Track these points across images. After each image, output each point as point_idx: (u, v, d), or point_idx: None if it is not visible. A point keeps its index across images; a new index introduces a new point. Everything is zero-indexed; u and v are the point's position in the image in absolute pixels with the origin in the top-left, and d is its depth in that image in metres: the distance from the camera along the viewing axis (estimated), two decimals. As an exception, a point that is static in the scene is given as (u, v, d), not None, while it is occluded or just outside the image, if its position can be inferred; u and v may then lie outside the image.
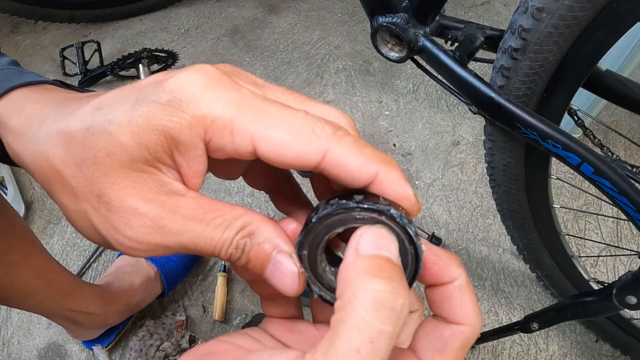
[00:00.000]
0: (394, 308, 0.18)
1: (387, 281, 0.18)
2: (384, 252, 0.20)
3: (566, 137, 0.48)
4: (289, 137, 0.19)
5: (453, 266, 0.22)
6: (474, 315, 0.22)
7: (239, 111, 0.19)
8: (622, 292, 0.53)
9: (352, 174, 0.20)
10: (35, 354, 0.93)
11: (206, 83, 0.19)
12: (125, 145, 0.19)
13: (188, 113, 0.19)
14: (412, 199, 0.21)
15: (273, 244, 0.21)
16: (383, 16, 0.54)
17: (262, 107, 0.20)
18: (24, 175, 1.18)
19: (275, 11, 1.52)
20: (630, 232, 1.04)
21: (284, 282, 0.21)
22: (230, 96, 0.19)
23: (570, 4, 0.41)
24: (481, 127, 1.17)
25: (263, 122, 0.19)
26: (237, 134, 0.19)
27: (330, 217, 0.20)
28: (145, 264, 0.90)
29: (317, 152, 0.19)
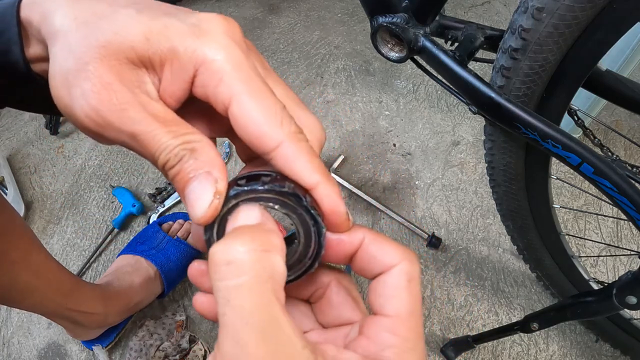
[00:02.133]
0: (228, 260, 0.19)
1: (222, 242, 0.19)
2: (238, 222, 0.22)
3: (566, 137, 0.48)
4: (260, 116, 0.21)
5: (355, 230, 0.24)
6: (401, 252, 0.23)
7: (237, 69, 0.22)
8: (622, 292, 0.53)
9: (296, 174, 0.22)
10: (35, 354, 0.93)
11: (228, 31, 0.22)
12: (135, 34, 0.21)
13: (200, 42, 0.21)
14: (342, 216, 0.23)
15: (208, 165, 0.22)
16: (383, 16, 0.54)
17: (256, 80, 0.22)
18: (24, 176, 1.18)
19: (275, 11, 1.52)
20: (630, 232, 1.04)
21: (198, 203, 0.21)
22: (238, 54, 0.22)
23: (570, 4, 0.41)
24: (481, 127, 1.17)
25: (248, 91, 0.21)
26: (223, 86, 0.21)
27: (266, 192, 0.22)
28: (145, 264, 0.90)
29: (274, 141, 0.21)
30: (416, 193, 1.11)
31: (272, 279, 0.19)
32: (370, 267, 0.24)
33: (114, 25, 0.21)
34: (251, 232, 0.20)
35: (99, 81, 0.21)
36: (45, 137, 1.25)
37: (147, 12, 0.22)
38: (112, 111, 0.21)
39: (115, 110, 0.21)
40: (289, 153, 0.22)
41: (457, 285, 0.98)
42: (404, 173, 1.14)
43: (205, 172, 0.21)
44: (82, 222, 1.10)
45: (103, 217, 1.10)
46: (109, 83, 0.21)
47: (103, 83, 0.21)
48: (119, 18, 0.22)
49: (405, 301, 0.23)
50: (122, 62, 0.21)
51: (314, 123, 0.25)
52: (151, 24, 0.22)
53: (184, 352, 0.88)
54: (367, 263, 0.24)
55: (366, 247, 0.24)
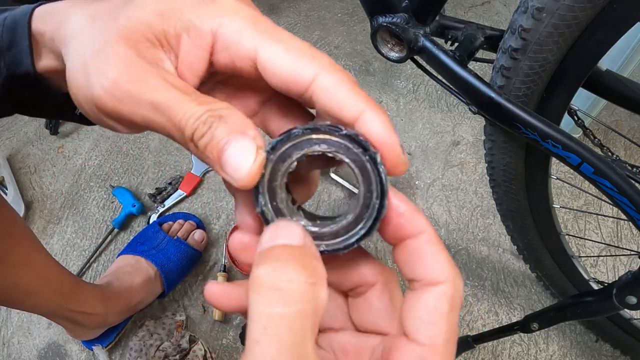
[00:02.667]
0: (277, 286, 0.18)
1: (269, 264, 0.18)
2: (280, 240, 0.20)
3: (566, 137, 0.48)
4: (289, 55, 0.21)
5: (419, 218, 0.22)
6: (451, 270, 0.21)
7: (253, 23, 0.21)
8: (622, 292, 0.53)
9: (339, 104, 0.20)
10: (35, 354, 0.93)
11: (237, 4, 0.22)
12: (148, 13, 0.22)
13: (211, 8, 0.22)
14: (397, 148, 0.21)
15: (240, 126, 0.20)
16: (383, 16, 0.54)
17: (275, 30, 0.22)
18: (24, 176, 1.18)
19: (275, 11, 1.52)
20: (630, 232, 1.04)
21: (240, 160, 0.20)
22: (251, 12, 0.22)
23: (570, 4, 0.41)
24: (481, 127, 1.17)
25: (270, 38, 0.21)
26: (245, 41, 0.21)
27: (316, 132, 0.20)
28: (145, 264, 0.90)
29: (309, 74, 0.20)
30: (416, 193, 1.11)
31: (314, 314, 0.18)
32: (413, 267, 0.22)
33: (128, 11, 0.22)
34: (301, 259, 0.19)
35: (117, 56, 0.21)
36: (45, 137, 1.25)
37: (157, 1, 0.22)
38: (131, 81, 0.21)
39: (135, 80, 0.21)
40: (328, 83, 0.20)
41: (457, 285, 0.98)
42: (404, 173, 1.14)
43: (240, 132, 0.20)
44: (82, 222, 1.10)
45: (103, 217, 1.10)
46: (127, 56, 0.21)
47: (121, 57, 0.21)
48: (131, 4, 0.22)
49: (443, 330, 0.20)
50: (139, 40, 0.21)
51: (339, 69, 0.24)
52: (163, 2, 0.22)
53: (184, 352, 0.88)
54: (412, 261, 0.22)
55: (422, 243, 0.22)
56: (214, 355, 0.91)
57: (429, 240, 0.22)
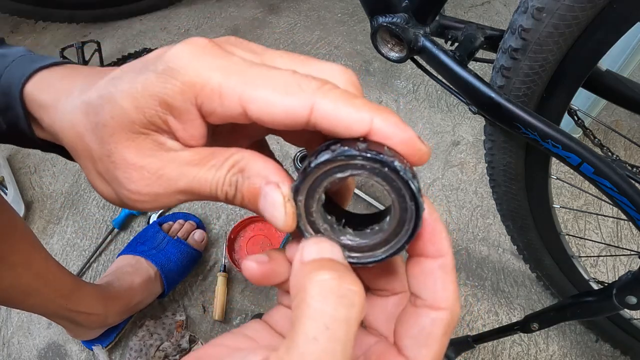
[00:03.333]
0: (343, 293, 0.19)
1: (332, 271, 0.19)
2: (327, 255, 0.21)
3: (566, 137, 0.48)
4: (275, 94, 0.20)
5: (444, 240, 0.22)
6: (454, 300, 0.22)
7: (226, 76, 0.20)
8: (622, 292, 0.53)
9: (345, 124, 0.20)
10: (35, 354, 0.93)
11: (196, 52, 0.21)
12: (125, 109, 0.21)
13: (179, 80, 0.20)
14: (415, 143, 0.20)
15: (263, 176, 0.21)
16: (383, 16, 0.54)
17: (249, 70, 0.20)
18: (24, 176, 1.18)
19: (275, 11, 1.52)
20: (630, 232, 1.04)
21: (273, 213, 0.21)
22: (218, 63, 0.21)
23: (570, 4, 0.41)
24: (481, 127, 1.17)
25: (249, 83, 0.20)
26: (226, 97, 0.20)
27: (330, 163, 0.20)
28: (145, 264, 0.90)
29: (304, 106, 0.20)
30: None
31: (358, 323, 0.19)
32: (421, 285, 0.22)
33: (107, 111, 0.21)
34: (351, 273, 0.20)
35: (124, 165, 0.22)
36: (45, 137, 1.25)
37: (123, 81, 0.22)
38: (151, 185, 0.22)
39: (154, 182, 0.22)
40: (326, 109, 0.20)
41: (457, 285, 0.98)
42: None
43: (265, 183, 0.21)
44: (82, 222, 1.10)
45: (103, 217, 1.10)
46: (133, 163, 0.22)
47: (129, 165, 0.22)
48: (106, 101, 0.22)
49: (434, 352, 0.22)
50: (134, 137, 0.22)
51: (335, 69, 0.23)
52: (132, 91, 0.21)
53: (184, 352, 0.88)
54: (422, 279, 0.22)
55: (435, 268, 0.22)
56: (214, 355, 0.91)
57: (445, 266, 0.22)
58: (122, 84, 0.21)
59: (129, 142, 0.22)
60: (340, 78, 0.22)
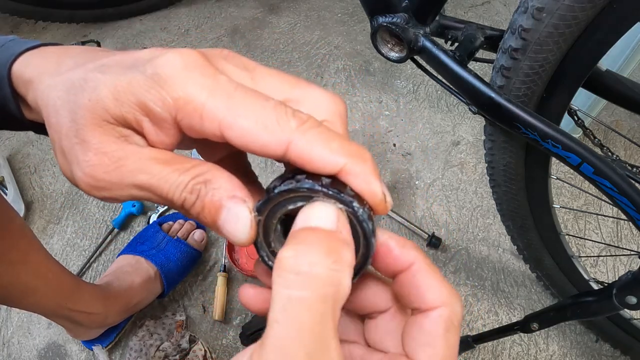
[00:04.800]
0: (298, 270, 0.18)
1: (293, 247, 0.19)
2: (313, 222, 0.20)
3: (566, 137, 0.48)
4: (254, 127, 0.20)
5: (408, 250, 0.22)
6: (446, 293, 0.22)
7: (211, 97, 0.20)
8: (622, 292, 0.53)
9: (317, 165, 0.20)
10: (35, 354, 0.93)
11: (187, 66, 0.21)
12: (105, 97, 0.21)
13: (164, 90, 0.20)
14: (378, 196, 0.21)
15: (228, 189, 0.21)
16: (383, 16, 0.54)
17: (234, 95, 0.20)
18: (24, 176, 1.18)
19: (275, 11, 1.52)
20: (630, 232, 1.04)
21: (237, 227, 0.21)
22: (205, 82, 0.20)
23: (570, 4, 0.41)
24: (481, 127, 1.17)
25: (231, 110, 0.20)
26: (206, 119, 0.20)
27: (292, 192, 0.21)
28: (145, 264, 0.90)
29: (280, 144, 0.20)
30: (416, 193, 1.11)
31: (334, 300, 0.18)
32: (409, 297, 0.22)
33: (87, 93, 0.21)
34: (328, 244, 0.19)
35: (86, 147, 0.21)
36: (45, 137, 1.25)
37: (111, 71, 0.22)
38: (108, 172, 0.21)
39: (112, 170, 0.21)
40: (301, 149, 0.20)
41: (457, 285, 0.98)
42: (404, 173, 1.14)
43: (229, 196, 0.21)
44: (82, 222, 1.10)
45: (103, 217, 1.10)
46: (96, 146, 0.21)
47: (91, 148, 0.21)
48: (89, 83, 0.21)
49: (440, 351, 0.21)
50: (103, 124, 0.21)
51: (323, 97, 0.23)
52: (116, 83, 0.21)
53: (184, 352, 0.88)
54: (407, 291, 0.22)
55: (413, 274, 0.22)
56: (214, 356, 0.91)
57: (419, 270, 0.22)
58: (109, 73, 0.21)
59: (97, 127, 0.21)
60: (327, 108, 0.23)
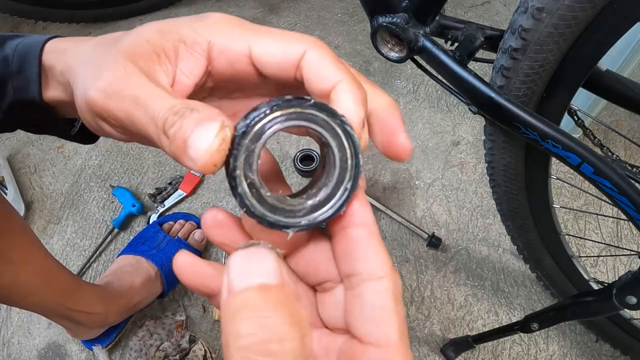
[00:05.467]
0: (270, 351, 0.17)
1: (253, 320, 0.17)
2: (254, 280, 0.19)
3: (566, 137, 0.48)
4: (277, 42, 0.23)
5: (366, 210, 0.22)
6: (390, 266, 0.21)
7: (242, 26, 0.24)
8: (622, 292, 0.53)
9: (320, 76, 0.22)
10: (35, 354, 0.93)
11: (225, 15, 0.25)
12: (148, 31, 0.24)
13: (205, 22, 0.24)
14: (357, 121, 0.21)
15: (210, 115, 0.20)
16: (383, 16, 0.54)
17: (263, 27, 0.24)
18: (24, 176, 1.18)
19: (275, 11, 1.52)
20: (630, 232, 1.04)
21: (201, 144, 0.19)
22: (241, 20, 0.25)
23: (570, 4, 0.41)
24: (481, 127, 1.17)
25: (261, 33, 0.23)
26: (238, 40, 0.23)
27: (281, 109, 0.20)
28: (145, 263, 0.90)
29: (298, 53, 0.22)
30: (416, 193, 1.11)
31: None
32: (352, 259, 0.21)
33: (131, 34, 0.24)
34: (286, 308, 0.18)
35: (113, 64, 0.23)
36: (45, 137, 1.25)
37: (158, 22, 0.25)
38: (119, 81, 0.22)
39: (123, 80, 0.22)
40: (313, 58, 0.22)
41: (457, 285, 0.98)
42: (404, 173, 1.14)
43: (208, 120, 0.19)
44: (82, 222, 1.10)
45: (103, 217, 1.10)
46: (122, 64, 0.22)
47: (117, 64, 0.22)
48: (134, 30, 0.24)
49: (396, 325, 0.20)
50: (138, 56, 0.23)
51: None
52: (163, 23, 0.24)
53: (184, 352, 0.88)
54: (352, 252, 0.21)
55: (362, 236, 0.21)
56: (214, 355, 0.91)
57: (372, 233, 0.22)
58: (155, 22, 0.25)
59: (130, 57, 0.23)
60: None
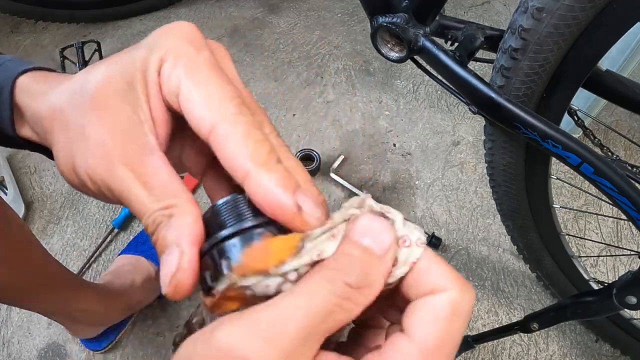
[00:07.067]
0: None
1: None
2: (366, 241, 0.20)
3: (566, 137, 0.48)
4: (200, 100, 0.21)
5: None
6: (454, 277, 0.20)
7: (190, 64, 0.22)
8: (622, 292, 0.53)
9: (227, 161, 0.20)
10: (35, 354, 0.93)
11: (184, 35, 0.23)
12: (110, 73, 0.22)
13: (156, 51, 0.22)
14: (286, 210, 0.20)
15: (178, 235, 0.20)
16: (383, 16, 0.54)
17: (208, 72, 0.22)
18: (24, 176, 1.18)
19: (275, 11, 1.52)
20: (630, 232, 1.03)
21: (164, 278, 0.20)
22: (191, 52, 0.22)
23: (570, 4, 0.41)
24: (481, 127, 1.17)
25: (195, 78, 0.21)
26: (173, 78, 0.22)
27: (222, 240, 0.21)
28: (146, 263, 0.90)
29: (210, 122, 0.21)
30: (416, 193, 1.11)
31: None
32: (415, 284, 0.20)
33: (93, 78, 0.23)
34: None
35: (92, 142, 0.21)
36: (45, 137, 1.25)
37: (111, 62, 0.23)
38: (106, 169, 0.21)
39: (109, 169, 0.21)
40: (220, 135, 0.20)
41: (457, 285, 0.98)
42: (404, 173, 1.14)
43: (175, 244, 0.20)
44: (82, 222, 1.10)
45: (103, 217, 1.10)
46: (102, 142, 0.21)
47: (97, 142, 0.21)
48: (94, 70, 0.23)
49: (439, 332, 0.19)
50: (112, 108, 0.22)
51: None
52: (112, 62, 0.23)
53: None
54: (413, 280, 0.20)
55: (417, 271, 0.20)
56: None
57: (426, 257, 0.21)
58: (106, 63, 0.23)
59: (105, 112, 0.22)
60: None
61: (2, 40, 1.45)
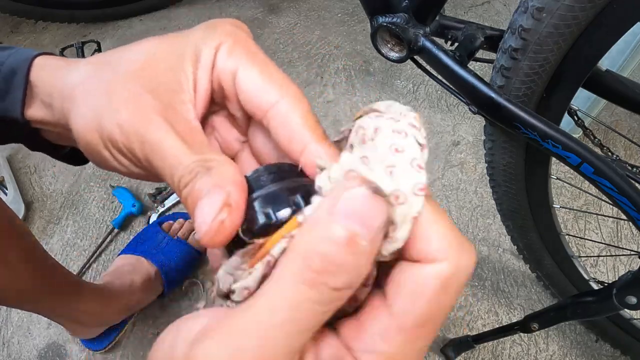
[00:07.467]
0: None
1: None
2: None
3: (566, 137, 0.48)
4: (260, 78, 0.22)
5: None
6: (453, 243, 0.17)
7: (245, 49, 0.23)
8: (622, 292, 0.53)
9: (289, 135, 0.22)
10: (35, 354, 0.93)
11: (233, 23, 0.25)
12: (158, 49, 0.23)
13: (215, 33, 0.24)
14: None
15: (223, 180, 0.19)
16: (383, 16, 0.54)
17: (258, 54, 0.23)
18: (24, 176, 1.18)
19: (275, 11, 1.52)
20: (630, 232, 1.03)
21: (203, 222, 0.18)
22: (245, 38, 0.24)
23: (570, 4, 0.41)
24: (481, 127, 1.17)
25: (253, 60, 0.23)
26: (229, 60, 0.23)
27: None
28: (145, 263, 0.90)
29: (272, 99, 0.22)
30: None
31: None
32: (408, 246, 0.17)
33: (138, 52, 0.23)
34: None
35: (131, 98, 0.22)
36: (45, 137, 1.25)
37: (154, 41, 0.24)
38: (139, 120, 0.21)
39: (142, 120, 0.21)
40: (282, 112, 0.21)
41: (457, 285, 0.98)
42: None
43: (218, 186, 0.19)
44: (82, 222, 1.10)
45: (103, 217, 1.10)
46: (141, 101, 0.21)
47: (135, 101, 0.21)
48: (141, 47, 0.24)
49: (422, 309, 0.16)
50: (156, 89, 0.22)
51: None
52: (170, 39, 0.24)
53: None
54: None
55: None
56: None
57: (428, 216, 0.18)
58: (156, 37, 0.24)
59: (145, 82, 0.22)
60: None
61: (2, 40, 1.45)
